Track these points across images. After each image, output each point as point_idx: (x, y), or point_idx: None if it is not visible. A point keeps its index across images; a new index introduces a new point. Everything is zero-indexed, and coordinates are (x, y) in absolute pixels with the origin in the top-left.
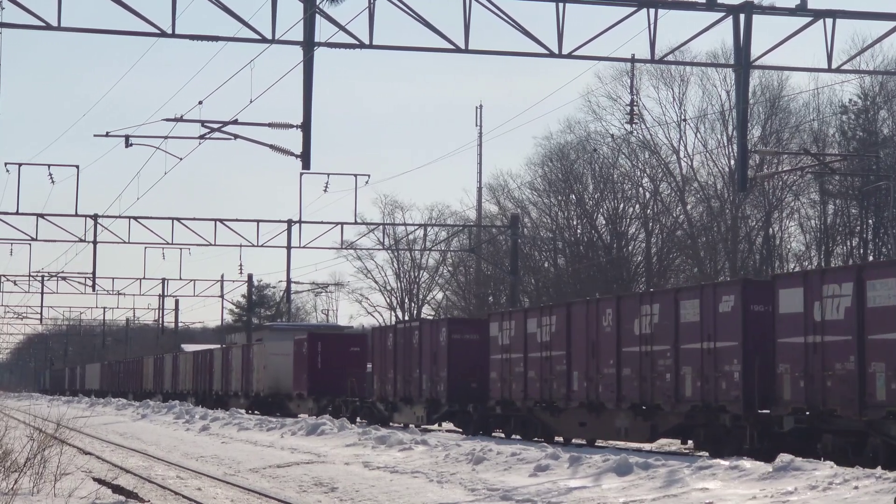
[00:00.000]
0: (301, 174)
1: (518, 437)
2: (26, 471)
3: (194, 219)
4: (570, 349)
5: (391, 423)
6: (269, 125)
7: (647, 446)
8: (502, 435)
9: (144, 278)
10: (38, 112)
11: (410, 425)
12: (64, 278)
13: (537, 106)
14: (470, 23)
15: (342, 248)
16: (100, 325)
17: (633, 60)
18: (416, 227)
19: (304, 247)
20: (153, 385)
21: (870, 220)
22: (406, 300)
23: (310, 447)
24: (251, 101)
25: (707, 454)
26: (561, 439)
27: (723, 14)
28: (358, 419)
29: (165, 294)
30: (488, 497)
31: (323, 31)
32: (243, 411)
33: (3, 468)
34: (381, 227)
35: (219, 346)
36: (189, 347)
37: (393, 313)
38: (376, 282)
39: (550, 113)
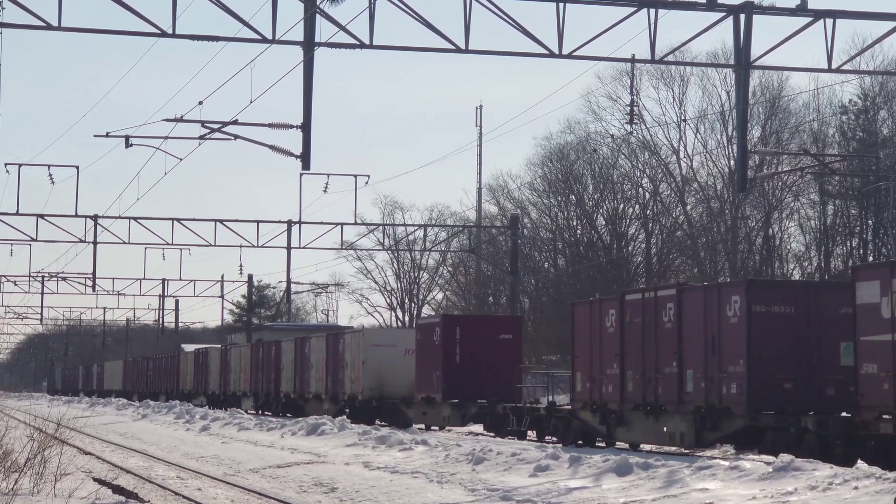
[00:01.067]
0: (301, 174)
1: None
2: (26, 471)
3: (194, 219)
4: None
5: (617, 445)
6: (269, 125)
7: (646, 446)
8: None
9: (144, 279)
10: (38, 112)
11: (661, 447)
12: (64, 279)
13: (537, 106)
14: (470, 23)
15: (342, 249)
16: (100, 326)
17: (633, 60)
18: (415, 227)
19: (304, 247)
20: (193, 384)
21: (870, 221)
22: (406, 300)
23: (310, 447)
24: (251, 102)
25: (708, 454)
26: None
27: (723, 14)
28: (548, 438)
29: (165, 294)
30: (488, 497)
31: (323, 31)
32: (327, 419)
33: (4, 468)
34: (380, 227)
35: (293, 338)
36: (188, 347)
37: (393, 314)
38: (376, 282)
39: (550, 113)
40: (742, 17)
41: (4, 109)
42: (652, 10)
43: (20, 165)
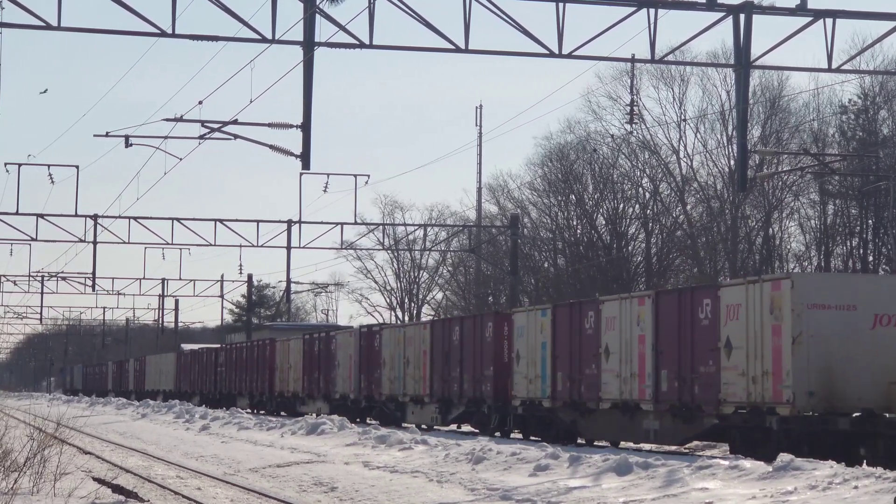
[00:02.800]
0: (301, 174)
1: None
2: (26, 470)
3: (194, 219)
4: None
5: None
6: (269, 125)
7: (646, 446)
8: None
9: (144, 278)
10: (38, 112)
11: None
12: (64, 278)
13: (537, 106)
14: (470, 23)
15: (342, 249)
16: (99, 325)
17: (633, 60)
18: (415, 227)
19: (303, 247)
20: (304, 384)
21: (870, 221)
22: (406, 300)
23: (310, 447)
24: (251, 101)
25: (708, 454)
26: None
27: (723, 14)
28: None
29: (165, 294)
30: (488, 497)
31: (323, 31)
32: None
33: (3, 468)
34: (380, 227)
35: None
36: (188, 347)
37: (393, 313)
38: (376, 282)
39: (550, 113)
40: (742, 16)
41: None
42: (652, 10)
43: (20, 165)
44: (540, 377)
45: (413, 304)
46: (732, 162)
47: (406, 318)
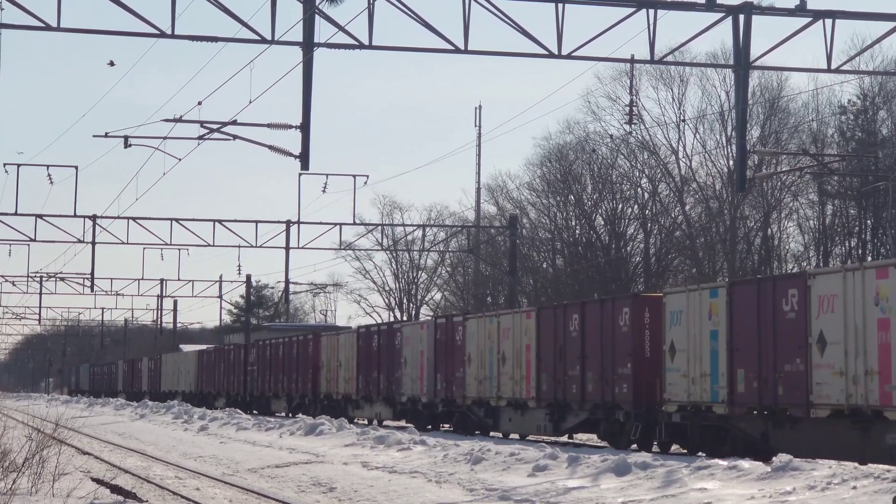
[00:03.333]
0: (300, 175)
1: None
2: (25, 471)
3: (193, 219)
4: None
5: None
6: (269, 126)
7: (429, 426)
8: None
9: (143, 279)
10: (38, 112)
11: None
12: (62, 279)
13: (537, 106)
14: (469, 23)
15: (341, 249)
16: (98, 326)
17: (632, 61)
18: (414, 227)
19: (302, 247)
20: (355, 384)
21: (868, 221)
22: (404, 301)
23: (308, 447)
24: (250, 102)
25: (705, 454)
26: None
27: (722, 14)
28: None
29: (164, 294)
30: (487, 497)
31: (322, 31)
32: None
33: (2, 468)
34: (379, 227)
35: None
36: (187, 347)
37: (391, 314)
38: (375, 282)
39: (550, 113)
40: (741, 17)
41: (4, 109)
42: (651, 11)
43: (19, 165)
44: (708, 376)
45: (412, 305)
46: (731, 162)
47: (405, 319)
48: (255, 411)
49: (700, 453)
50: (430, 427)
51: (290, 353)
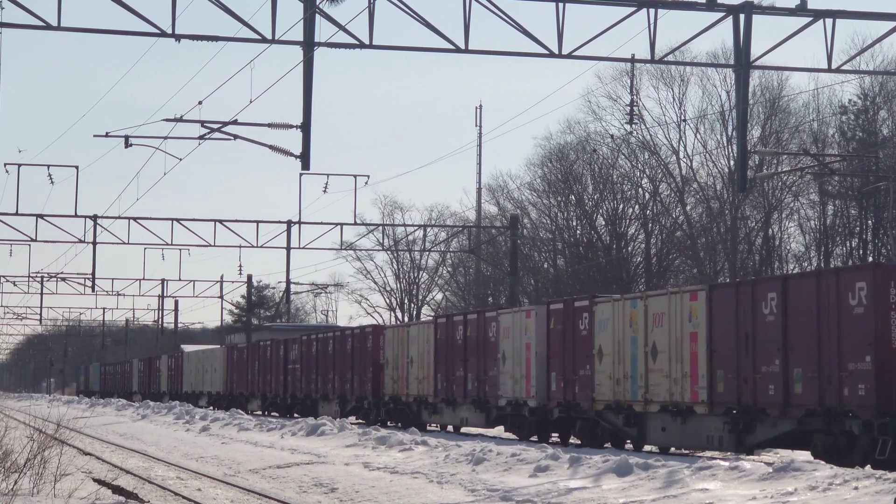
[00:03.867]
0: (301, 175)
1: None
2: (26, 471)
3: (194, 219)
4: None
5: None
6: (269, 125)
7: (646, 447)
8: None
9: (144, 279)
10: (39, 112)
11: None
12: (63, 279)
13: (537, 106)
14: (470, 23)
15: (342, 249)
16: (99, 326)
17: (633, 60)
18: (415, 227)
19: (303, 247)
20: (439, 385)
21: (869, 221)
22: (405, 301)
23: (310, 448)
24: (251, 102)
25: (708, 454)
26: None
27: (723, 14)
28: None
29: (165, 295)
30: (488, 497)
31: (323, 31)
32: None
33: (3, 469)
34: (380, 227)
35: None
36: (188, 347)
37: (392, 314)
38: (376, 282)
39: (550, 113)
40: (742, 17)
41: (4, 109)
42: (652, 10)
43: (20, 165)
44: None
45: (413, 305)
46: (732, 162)
47: (406, 319)
48: (290, 415)
49: None
50: (535, 438)
51: (342, 349)
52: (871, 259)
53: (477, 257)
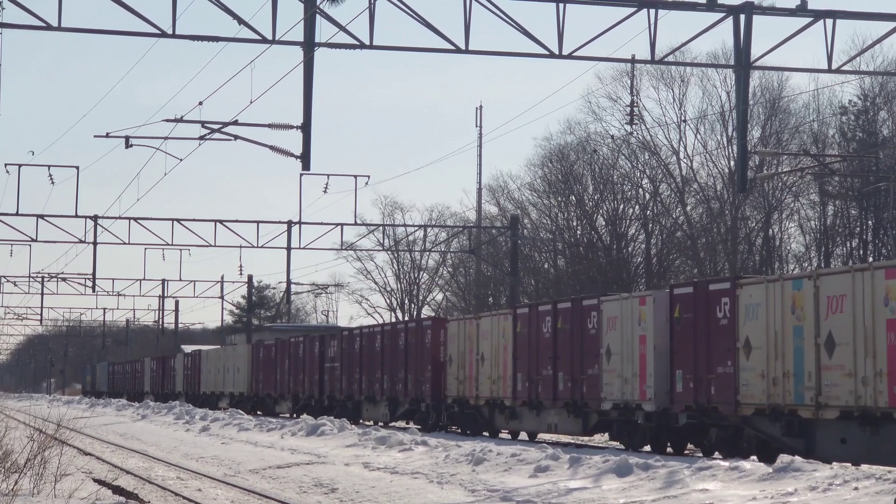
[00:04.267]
0: (301, 175)
1: None
2: (26, 471)
3: (194, 220)
4: None
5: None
6: (270, 126)
7: (646, 447)
8: None
9: (144, 279)
10: (39, 112)
11: None
12: (64, 279)
13: (537, 106)
14: (470, 23)
15: (342, 249)
16: (100, 326)
17: (633, 61)
18: (415, 228)
19: (303, 248)
20: (520, 385)
21: (869, 222)
22: (406, 301)
23: (310, 448)
24: (251, 102)
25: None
26: None
27: (723, 14)
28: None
29: (165, 295)
30: (488, 498)
31: (323, 31)
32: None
33: (4, 469)
34: (380, 228)
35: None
36: (188, 348)
37: (393, 314)
38: (376, 283)
39: (550, 113)
40: (742, 17)
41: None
42: (652, 11)
43: (20, 166)
44: None
45: (413, 305)
46: (732, 163)
47: (407, 319)
48: (334, 419)
49: None
50: (648, 448)
51: (393, 345)
52: (871, 259)
53: (477, 258)
